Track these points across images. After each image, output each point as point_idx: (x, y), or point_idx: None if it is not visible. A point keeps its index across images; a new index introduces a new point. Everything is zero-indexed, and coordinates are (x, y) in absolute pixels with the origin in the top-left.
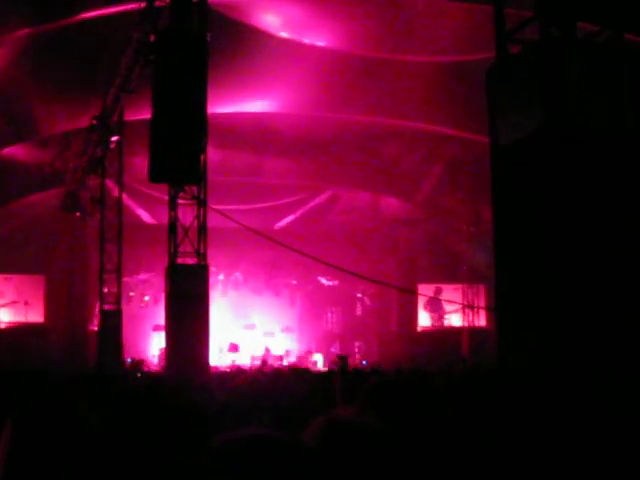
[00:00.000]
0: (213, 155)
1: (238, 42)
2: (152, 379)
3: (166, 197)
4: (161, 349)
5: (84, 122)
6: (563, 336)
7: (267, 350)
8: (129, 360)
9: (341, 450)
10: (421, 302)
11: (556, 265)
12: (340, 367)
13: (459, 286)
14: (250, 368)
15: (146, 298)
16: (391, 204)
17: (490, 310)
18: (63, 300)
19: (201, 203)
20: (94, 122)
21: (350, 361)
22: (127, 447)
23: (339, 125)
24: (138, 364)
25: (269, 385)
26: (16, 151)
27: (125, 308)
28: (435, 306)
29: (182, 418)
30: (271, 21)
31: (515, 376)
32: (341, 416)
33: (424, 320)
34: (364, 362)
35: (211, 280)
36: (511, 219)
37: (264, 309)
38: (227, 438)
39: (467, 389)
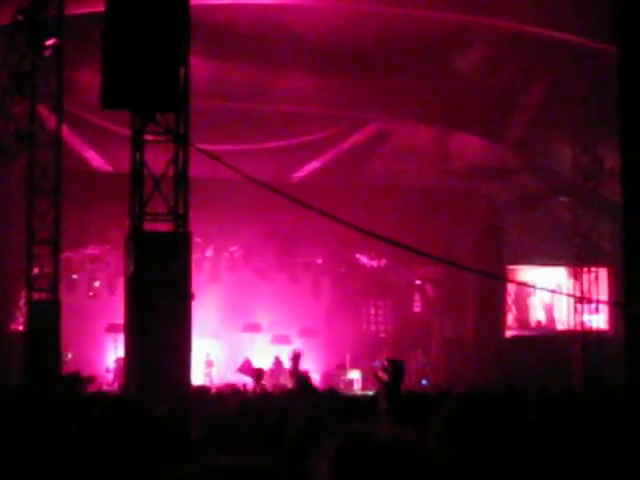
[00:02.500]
0: (199, 68)
1: None
2: (104, 402)
3: (128, 132)
4: (118, 360)
5: (4, 18)
6: None
7: (278, 362)
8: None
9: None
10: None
11: None
12: (391, 379)
13: (567, 270)
14: (245, 387)
15: (97, 284)
16: (468, 146)
17: (616, 306)
18: None
19: (180, 140)
20: (19, 17)
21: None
22: None
23: (390, 24)
24: (84, 382)
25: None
26: None
27: (65, 298)
28: None
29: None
30: None
31: None
32: (369, 430)
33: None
34: (424, 382)
35: (195, 257)
36: None
37: (274, 302)
38: (190, 471)
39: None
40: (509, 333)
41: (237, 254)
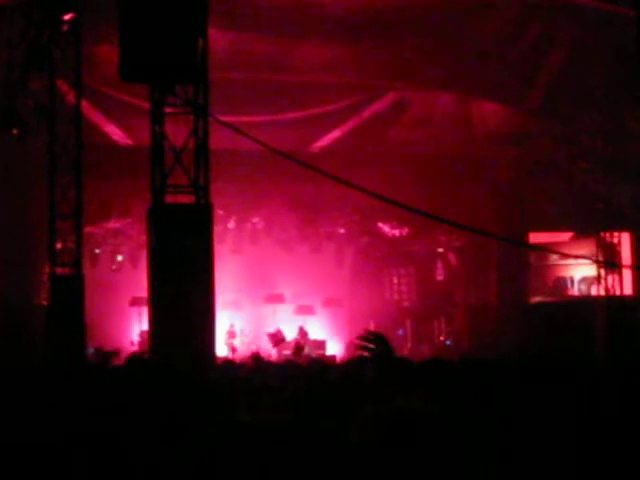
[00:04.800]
0: (217, 40)
1: None
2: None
3: (147, 105)
4: (142, 333)
5: None
6: None
7: (302, 333)
8: (92, 350)
9: (400, 450)
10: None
11: None
12: (378, 348)
13: (591, 235)
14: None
15: (119, 258)
16: (487, 113)
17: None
18: None
19: (200, 112)
20: None
21: (429, 346)
22: None
23: None
24: (109, 356)
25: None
26: None
27: (88, 273)
28: None
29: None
30: None
31: None
32: (401, 405)
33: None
34: (448, 342)
35: (217, 229)
36: None
37: (297, 272)
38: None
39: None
40: (533, 299)
41: (259, 225)
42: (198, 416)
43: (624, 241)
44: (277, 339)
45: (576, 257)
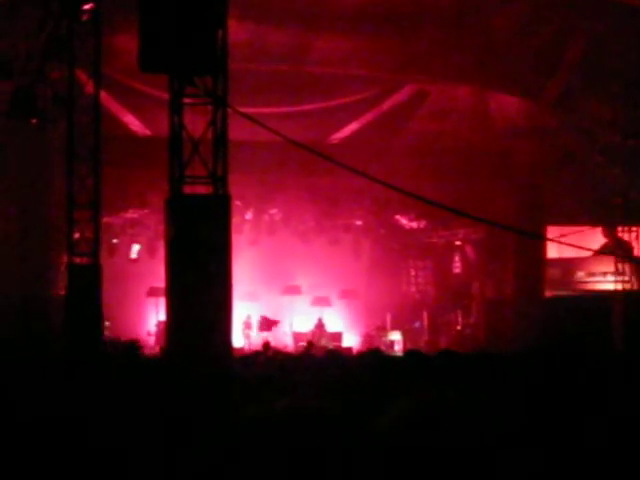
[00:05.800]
0: (236, 31)
1: None
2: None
3: (166, 95)
4: (160, 323)
5: None
6: None
7: (320, 324)
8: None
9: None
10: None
11: None
12: None
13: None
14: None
15: (137, 247)
16: (506, 106)
17: None
18: (11, 250)
19: (219, 103)
20: None
21: (443, 338)
22: None
23: None
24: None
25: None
26: None
27: (106, 262)
28: None
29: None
30: None
31: None
32: (436, 397)
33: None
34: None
35: (235, 220)
36: None
37: (314, 264)
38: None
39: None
40: (549, 293)
41: (277, 217)
42: (224, 407)
43: None
44: (266, 324)
45: (598, 252)
